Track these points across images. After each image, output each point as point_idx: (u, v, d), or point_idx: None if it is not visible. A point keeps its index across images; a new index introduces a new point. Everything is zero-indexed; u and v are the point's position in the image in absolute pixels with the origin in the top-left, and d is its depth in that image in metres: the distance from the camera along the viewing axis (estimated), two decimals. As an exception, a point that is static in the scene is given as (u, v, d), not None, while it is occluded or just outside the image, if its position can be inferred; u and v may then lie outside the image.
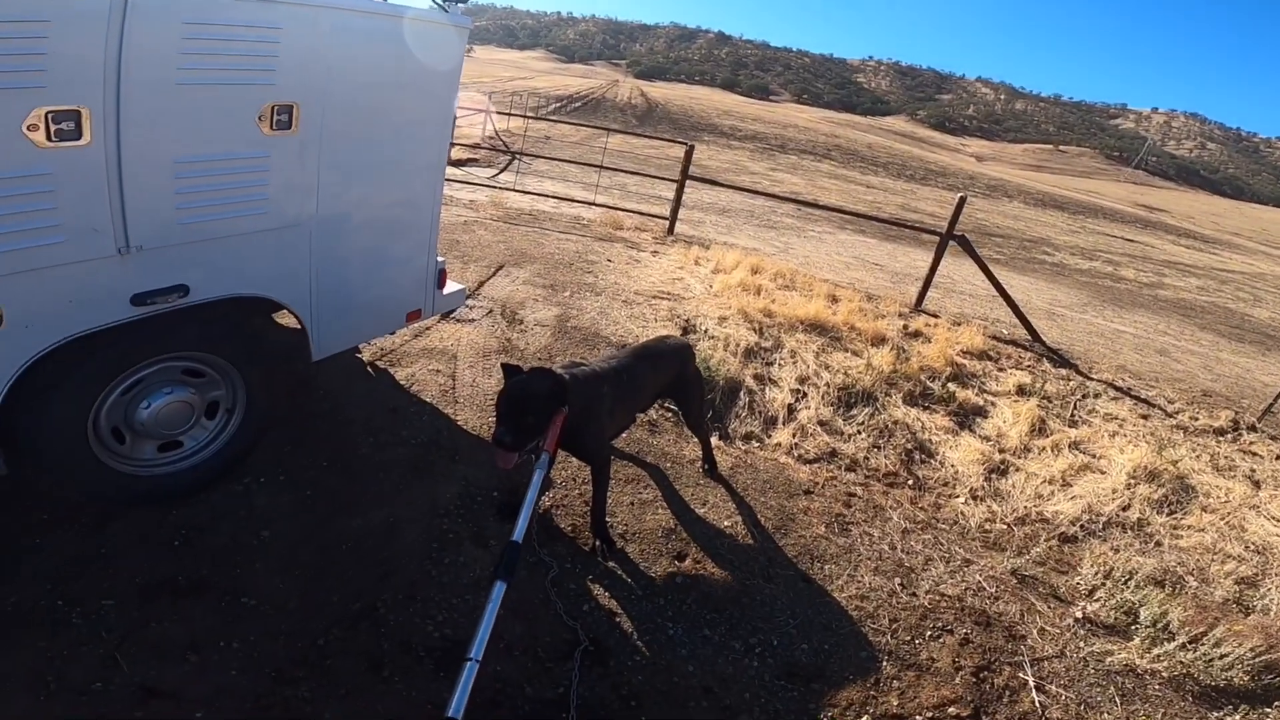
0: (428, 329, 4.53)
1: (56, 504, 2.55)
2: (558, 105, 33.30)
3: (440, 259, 3.59)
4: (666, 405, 4.05)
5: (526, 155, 13.86)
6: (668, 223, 9.18)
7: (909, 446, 4.48)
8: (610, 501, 3.09)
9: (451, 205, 8.65)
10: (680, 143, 10.39)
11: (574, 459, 3.10)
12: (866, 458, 4.27)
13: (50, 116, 1.91)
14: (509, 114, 17.35)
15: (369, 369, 3.95)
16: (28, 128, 1.88)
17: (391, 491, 2.96)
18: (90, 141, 2.03)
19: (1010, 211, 27.36)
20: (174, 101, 2.19)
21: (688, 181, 9.00)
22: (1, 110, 1.83)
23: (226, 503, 2.75)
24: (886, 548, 3.35)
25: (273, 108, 2.47)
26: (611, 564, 2.82)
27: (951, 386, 5.29)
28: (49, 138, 1.93)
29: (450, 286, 3.76)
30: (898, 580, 3.13)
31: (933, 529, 3.60)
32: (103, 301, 2.24)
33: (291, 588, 2.43)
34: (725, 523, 3.23)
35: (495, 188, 10.38)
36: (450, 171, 11.22)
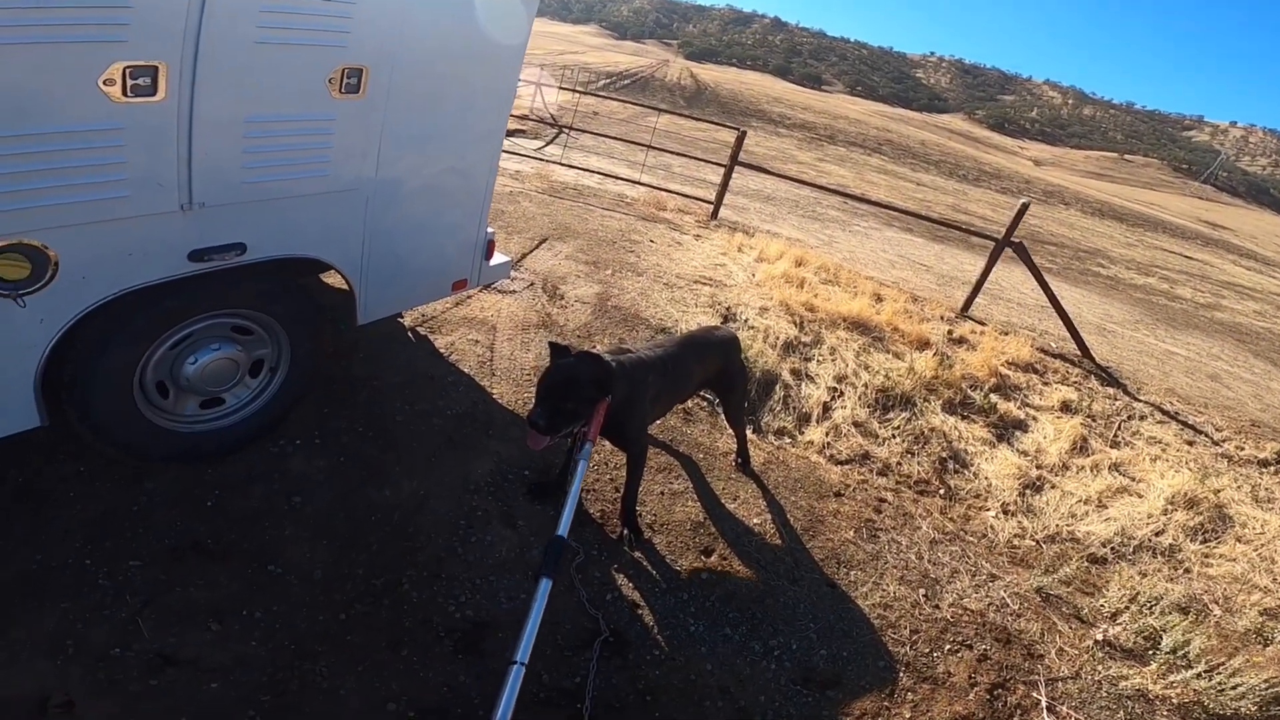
0: (469, 298, 4.54)
1: (93, 458, 2.59)
2: (607, 82, 33.00)
3: (490, 230, 3.57)
4: (703, 394, 4.01)
5: (574, 130, 13.76)
6: (712, 207, 9.05)
7: (943, 455, 4.39)
8: (640, 490, 3.07)
9: (498, 175, 8.63)
10: (730, 127, 10.20)
11: (607, 444, 3.08)
12: (899, 463, 4.20)
13: (128, 72, 1.89)
14: (559, 86, 17.22)
15: (410, 334, 3.97)
16: (104, 82, 1.86)
17: (424, 463, 2.98)
18: (165, 98, 2.00)
19: (1066, 219, 26.45)
20: (251, 60, 2.16)
21: (734, 167, 8.85)
22: (79, 63, 1.82)
23: (262, 464, 2.78)
24: (913, 557, 3.29)
25: (343, 70, 2.44)
26: (638, 554, 2.80)
27: (994, 398, 5.15)
28: (124, 93, 1.91)
29: (497, 258, 3.74)
30: (922, 591, 3.09)
31: (961, 541, 3.54)
32: (160, 256, 2.24)
33: (318, 557, 2.45)
34: (754, 520, 3.19)
35: (541, 160, 10.34)
36: (497, 143, 11.22)
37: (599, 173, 10.18)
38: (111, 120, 1.93)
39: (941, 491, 4.05)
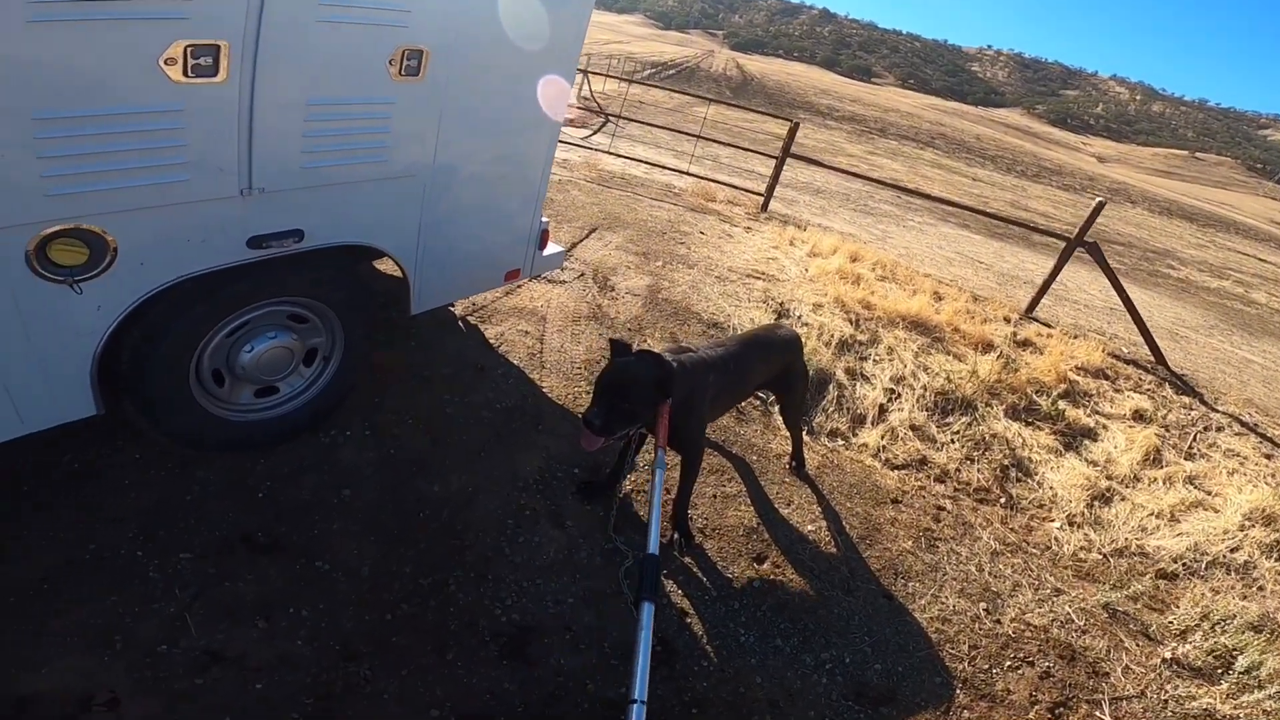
0: (519, 286, 4.48)
1: (149, 445, 2.58)
2: (652, 71, 32.75)
3: (544, 219, 3.49)
4: (757, 394, 3.87)
5: (621, 119, 13.66)
6: (762, 199, 8.85)
7: (1005, 462, 4.19)
8: (692, 493, 2.96)
9: (547, 165, 8.58)
10: (781, 118, 9.95)
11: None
12: (958, 469, 4.02)
13: (189, 51, 1.84)
14: (605, 75, 17.11)
15: (460, 324, 3.93)
16: (165, 61, 1.81)
17: (472, 458, 2.92)
18: (226, 79, 1.95)
19: (1132, 218, 25.25)
20: (312, 40, 2.10)
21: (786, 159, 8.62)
22: (140, 42, 1.77)
23: (312, 455, 2.76)
24: (974, 569, 3.14)
25: (403, 52, 2.36)
26: (688, 559, 2.70)
27: (1062, 404, 4.88)
28: (185, 73, 1.86)
29: (551, 248, 3.66)
30: (983, 605, 2.94)
31: (1023, 553, 3.37)
32: (219, 242, 2.20)
33: (366, 554, 2.41)
34: (809, 527, 3.06)
35: (589, 149, 10.27)
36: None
37: (646, 162, 10.06)
38: (172, 101, 1.89)
39: (1003, 500, 3.87)
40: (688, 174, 9.60)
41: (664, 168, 9.88)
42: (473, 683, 2.10)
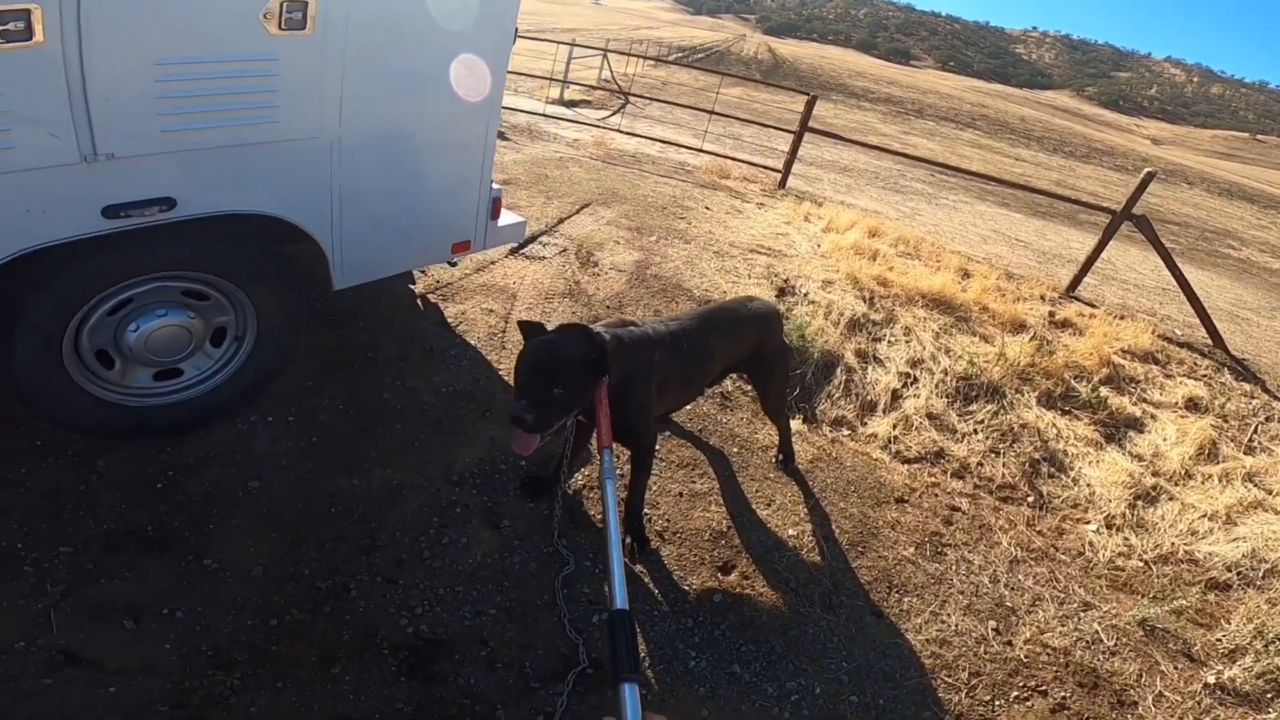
0: (492, 263, 4.13)
1: (50, 434, 2.31)
2: (680, 55, 32.04)
3: (496, 186, 3.12)
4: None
5: (639, 98, 13.22)
6: (780, 175, 8.34)
7: (1036, 456, 3.71)
8: (654, 489, 2.58)
9: (552, 143, 8.24)
10: (801, 92, 9.41)
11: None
12: (980, 463, 3.56)
13: None
14: (629, 54, 16.65)
15: (419, 302, 3.59)
16: None
17: (403, 448, 2.58)
18: (42, 40, 1.71)
19: (1189, 199, 23.81)
20: None
21: (807, 134, 8.10)
22: None
23: (225, 443, 2.46)
24: (986, 580, 2.70)
25: (281, 4, 2.07)
26: (640, 567, 2.31)
27: (1104, 391, 4.33)
28: None
29: (507, 217, 3.31)
30: (992, 624, 2.51)
31: (1049, 560, 2.93)
32: (66, 213, 1.93)
33: (262, 552, 2.09)
34: (790, 531, 2.63)
35: (602, 128, 9.88)
36: (560, 111, 10.85)
37: (661, 140, 9.62)
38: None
39: (1030, 499, 3.41)
40: (703, 151, 9.14)
41: (680, 145, 9.42)
42: (359, 701, 1.77)
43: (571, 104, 12.73)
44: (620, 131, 9.64)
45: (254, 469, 2.37)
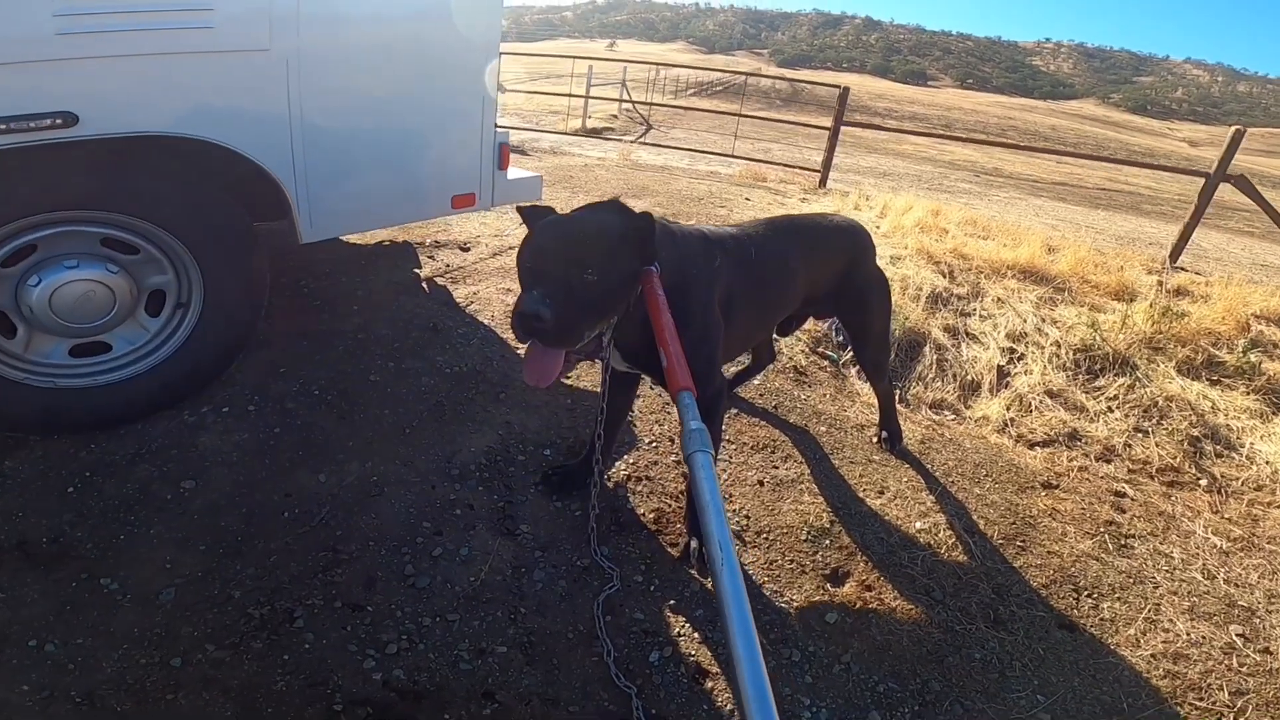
0: (510, 247, 3.57)
1: None
2: (697, 91, 32.07)
3: (502, 131, 2.58)
4: (819, 344, 2.79)
5: (662, 124, 12.92)
6: (819, 174, 7.77)
7: (1194, 433, 2.99)
8: (725, 476, 1.91)
9: (577, 158, 7.84)
10: (829, 85, 8.90)
11: (652, 385, 1.96)
12: (1127, 444, 2.85)
13: None
14: (649, 82, 16.47)
15: (424, 285, 3.03)
16: None
17: (391, 437, 1.97)
18: None
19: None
20: None
21: (839, 146, 7.57)
22: None
23: (164, 436, 1.89)
24: (1199, 576, 1.99)
25: None
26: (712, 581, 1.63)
27: (1254, 356, 3.54)
28: None
29: (518, 172, 2.76)
30: (1235, 629, 1.81)
31: (1259, 550, 2.22)
32: None
33: (180, 569, 1.49)
34: (917, 524, 1.93)
35: (627, 142, 9.50)
36: (579, 140, 10.53)
37: (689, 149, 9.19)
38: None
39: (1203, 483, 2.68)
40: (734, 157, 8.65)
41: (710, 153, 8.96)
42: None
43: (594, 132, 12.48)
44: (646, 144, 9.25)
45: (191, 467, 1.78)
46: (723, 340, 1.54)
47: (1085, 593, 1.81)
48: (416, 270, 3.18)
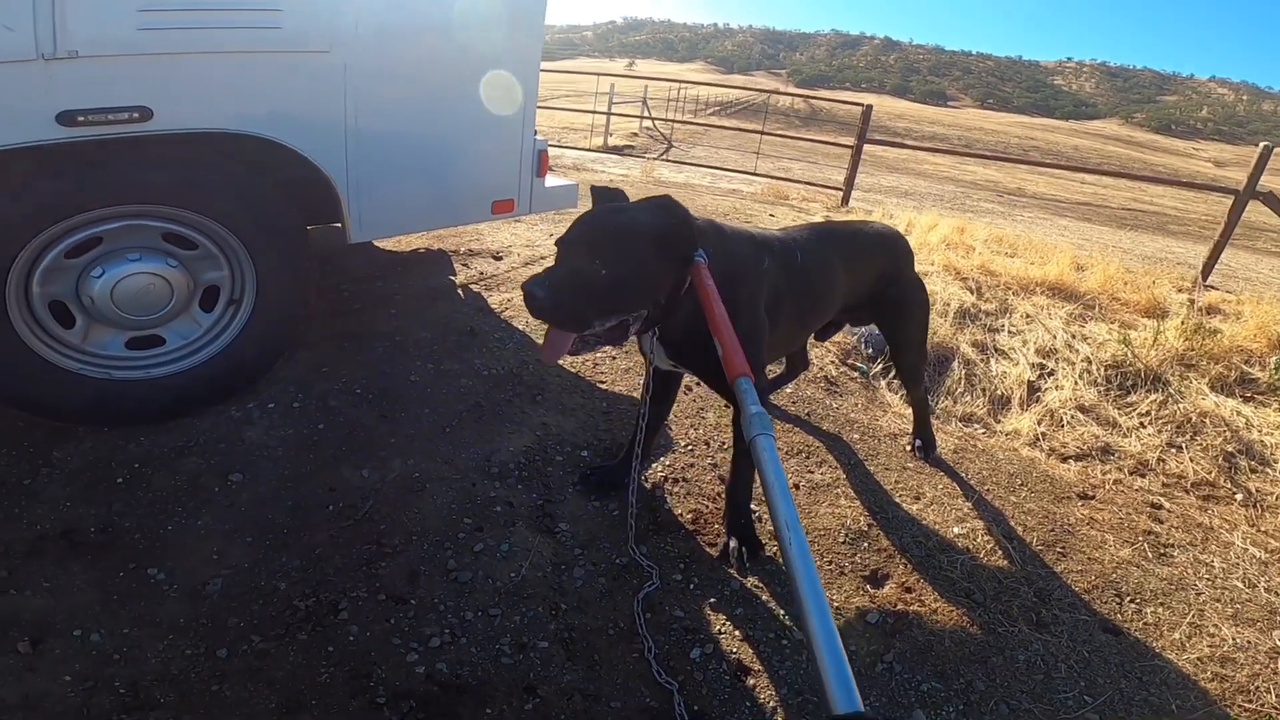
0: (542, 257, 3.63)
1: (8, 416, 1.86)
2: (716, 110, 32.32)
3: (541, 139, 2.64)
4: (849, 356, 2.79)
5: (683, 143, 13.04)
6: (842, 193, 7.80)
7: (1228, 449, 2.96)
8: (759, 481, 1.91)
9: (600, 175, 7.94)
10: (853, 103, 8.95)
11: (696, 384, 1.98)
12: (1161, 459, 2.83)
13: None
14: (669, 101, 16.65)
15: (459, 292, 3.09)
16: None
17: (431, 436, 2.00)
18: None
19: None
20: None
21: (861, 165, 7.61)
22: None
23: (211, 431, 1.94)
24: (1240, 584, 1.98)
25: None
26: (753, 581, 1.63)
27: (1289, 376, 3.49)
28: None
29: (555, 180, 2.81)
30: (1277, 634, 1.74)
31: None
32: (15, 115, 1.53)
33: (227, 561, 1.53)
34: (955, 530, 1.92)
35: (649, 159, 9.60)
36: (602, 157, 10.65)
37: (710, 167, 9.26)
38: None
39: (1239, 497, 2.66)
40: (757, 175, 8.71)
41: (732, 171, 9.03)
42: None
43: (615, 149, 12.62)
44: (667, 161, 9.35)
45: (237, 461, 1.83)
46: (772, 341, 1.57)
47: (1128, 598, 1.80)
48: (451, 277, 3.25)
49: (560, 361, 2.46)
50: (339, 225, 2.19)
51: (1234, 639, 1.71)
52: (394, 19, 2.07)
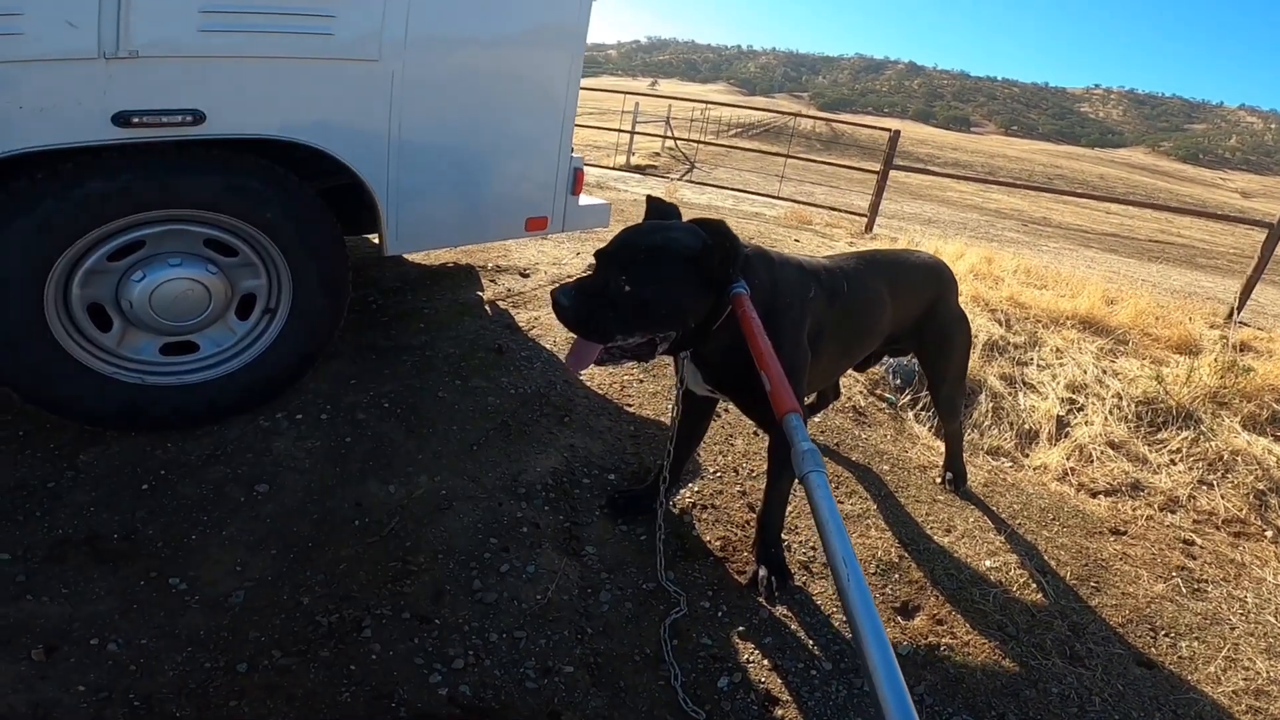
0: (569, 277, 3.64)
1: (38, 419, 1.88)
2: (738, 131, 32.51)
3: (577, 156, 2.66)
4: (877, 387, 2.76)
5: (705, 164, 13.11)
6: (866, 219, 7.78)
7: (1260, 487, 2.91)
8: (790, 508, 1.89)
9: (623, 194, 7.99)
10: (878, 128, 8.96)
11: (725, 409, 1.96)
12: (1192, 496, 2.78)
13: None
14: (692, 121, 16.77)
15: (487, 308, 3.10)
16: None
17: (459, 454, 2.00)
18: None
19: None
20: None
21: (886, 189, 7.60)
22: None
23: (239, 440, 1.95)
24: (1272, 619, 1.98)
25: None
26: (782, 610, 1.61)
27: (1323, 417, 3.40)
28: None
29: (589, 200, 2.83)
30: None
31: None
32: (71, 115, 1.56)
33: (250, 572, 1.52)
34: (987, 563, 1.89)
35: (672, 179, 9.66)
36: (624, 176, 10.74)
37: (732, 189, 9.29)
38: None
39: (1269, 534, 2.62)
40: (779, 199, 8.73)
41: (754, 194, 9.05)
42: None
43: (638, 168, 12.71)
44: (690, 182, 9.39)
45: (264, 471, 1.83)
46: (807, 373, 1.56)
47: (1162, 632, 1.77)
48: (479, 293, 3.26)
49: (587, 382, 2.48)
50: (373, 237, 2.22)
51: (1268, 672, 1.70)
52: (443, 30, 2.09)
